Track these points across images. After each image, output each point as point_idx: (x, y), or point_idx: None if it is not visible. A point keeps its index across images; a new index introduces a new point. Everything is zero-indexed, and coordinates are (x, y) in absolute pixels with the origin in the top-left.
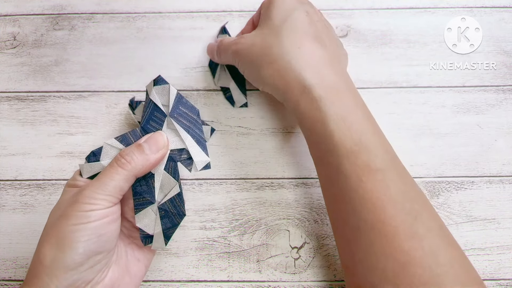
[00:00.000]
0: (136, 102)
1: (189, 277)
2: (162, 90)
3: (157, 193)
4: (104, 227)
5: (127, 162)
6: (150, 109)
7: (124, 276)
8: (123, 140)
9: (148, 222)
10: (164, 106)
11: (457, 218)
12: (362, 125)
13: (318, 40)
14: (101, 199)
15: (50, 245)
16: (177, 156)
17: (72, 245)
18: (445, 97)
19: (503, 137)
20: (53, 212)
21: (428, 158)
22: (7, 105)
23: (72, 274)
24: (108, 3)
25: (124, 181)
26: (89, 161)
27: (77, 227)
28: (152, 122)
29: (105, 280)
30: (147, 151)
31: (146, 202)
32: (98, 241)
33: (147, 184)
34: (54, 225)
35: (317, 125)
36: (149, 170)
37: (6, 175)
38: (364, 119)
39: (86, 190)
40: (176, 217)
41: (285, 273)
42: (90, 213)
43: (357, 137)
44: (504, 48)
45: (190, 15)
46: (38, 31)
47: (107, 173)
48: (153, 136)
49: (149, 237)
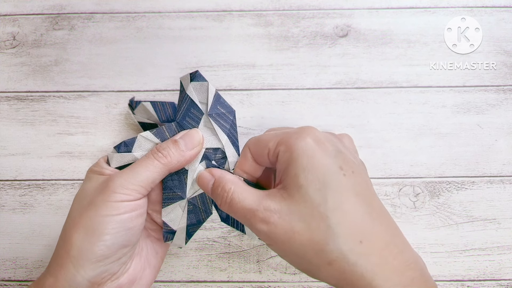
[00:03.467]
0: (136, 102)
1: (189, 278)
2: (200, 87)
3: (188, 189)
4: (133, 221)
5: (163, 156)
6: (187, 105)
7: (145, 268)
8: (158, 134)
9: (174, 217)
10: (201, 103)
11: (457, 218)
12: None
13: (366, 201)
14: (132, 189)
15: (78, 234)
16: (212, 155)
17: (101, 237)
18: (445, 97)
19: (504, 137)
20: (79, 198)
21: (428, 158)
22: (6, 105)
23: (99, 266)
24: (107, 3)
25: (158, 174)
26: (119, 151)
27: (107, 219)
28: (188, 118)
29: (129, 271)
30: (183, 147)
31: (176, 197)
32: (126, 235)
33: (179, 179)
34: (83, 214)
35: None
36: (183, 166)
37: (5, 175)
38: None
39: (119, 178)
40: (203, 213)
41: (285, 274)
42: (120, 204)
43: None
44: (504, 48)
45: (190, 15)
46: (38, 31)
47: (143, 163)
48: (189, 133)
49: (171, 233)
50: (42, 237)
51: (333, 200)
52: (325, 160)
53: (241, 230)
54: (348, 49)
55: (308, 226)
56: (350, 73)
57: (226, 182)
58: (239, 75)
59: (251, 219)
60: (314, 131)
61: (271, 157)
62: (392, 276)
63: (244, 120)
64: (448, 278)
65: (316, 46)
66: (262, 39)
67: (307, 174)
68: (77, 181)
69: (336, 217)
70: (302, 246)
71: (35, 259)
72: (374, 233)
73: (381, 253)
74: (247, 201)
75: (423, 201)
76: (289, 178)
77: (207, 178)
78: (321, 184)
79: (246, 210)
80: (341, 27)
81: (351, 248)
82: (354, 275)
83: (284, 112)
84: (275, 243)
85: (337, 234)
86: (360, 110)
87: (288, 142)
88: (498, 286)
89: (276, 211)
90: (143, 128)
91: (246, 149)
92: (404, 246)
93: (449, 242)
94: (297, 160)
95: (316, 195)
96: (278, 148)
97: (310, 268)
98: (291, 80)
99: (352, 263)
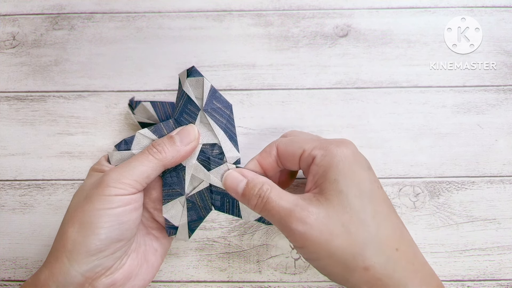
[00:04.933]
0: (136, 102)
1: (189, 278)
2: (196, 83)
3: (187, 185)
4: (126, 215)
5: (158, 151)
6: (184, 101)
7: (142, 264)
8: (156, 131)
9: (175, 213)
10: (197, 99)
11: (457, 218)
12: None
13: (395, 213)
14: (126, 184)
15: (73, 229)
16: (209, 150)
17: (94, 231)
18: (445, 97)
19: (504, 137)
20: (77, 194)
21: (428, 158)
22: (6, 105)
23: (93, 260)
24: (107, 3)
25: (152, 169)
26: (119, 149)
27: (101, 212)
28: (185, 114)
29: (124, 267)
30: (178, 143)
31: (175, 194)
32: (120, 228)
33: (177, 176)
34: (78, 208)
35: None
36: (179, 162)
37: (5, 175)
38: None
39: (113, 172)
40: (203, 210)
41: (285, 274)
42: (114, 198)
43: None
44: (504, 48)
45: (190, 15)
46: (38, 30)
47: (138, 158)
48: (185, 129)
49: (174, 228)
50: (42, 237)
51: (372, 208)
52: (362, 171)
53: (237, 215)
54: (348, 49)
55: (347, 230)
56: (350, 73)
57: (263, 183)
58: (239, 75)
59: (287, 218)
60: (353, 144)
61: (305, 158)
62: (422, 284)
63: (244, 120)
64: (448, 278)
65: (316, 46)
66: (262, 39)
67: (348, 181)
68: (77, 181)
69: (375, 224)
70: (340, 249)
71: (35, 259)
72: (405, 243)
73: (413, 261)
74: (283, 202)
75: (423, 201)
76: (328, 183)
77: (238, 178)
78: (360, 192)
79: (282, 209)
80: (341, 27)
81: (389, 255)
82: (390, 281)
83: (284, 112)
84: (310, 244)
85: (376, 241)
86: (360, 110)
87: (328, 148)
88: (498, 286)
89: (313, 212)
90: (143, 128)
91: (273, 146)
92: (423, 257)
93: (449, 242)
94: (338, 166)
95: (356, 201)
96: (316, 151)
97: (342, 273)
98: (291, 80)
99: (390, 269)
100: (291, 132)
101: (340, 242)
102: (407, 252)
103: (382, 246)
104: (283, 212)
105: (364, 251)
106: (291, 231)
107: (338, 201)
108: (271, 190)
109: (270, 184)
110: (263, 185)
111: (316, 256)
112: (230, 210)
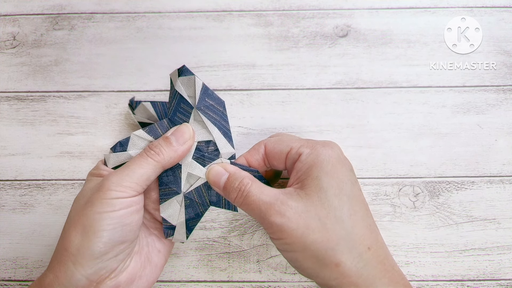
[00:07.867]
0: (136, 102)
1: (189, 277)
2: (187, 81)
3: (183, 184)
4: (128, 217)
5: (156, 153)
6: (177, 101)
7: (146, 266)
8: (151, 131)
9: (172, 212)
10: (190, 97)
11: (457, 218)
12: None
13: (370, 214)
14: (127, 187)
15: (76, 232)
16: (205, 147)
17: (97, 234)
18: (445, 97)
19: (504, 137)
20: (78, 199)
21: (428, 158)
22: (6, 105)
23: (97, 262)
24: (108, 3)
25: (152, 171)
26: (115, 151)
27: (103, 216)
28: (179, 113)
29: (128, 269)
30: (174, 143)
31: (172, 192)
32: (122, 231)
33: (173, 174)
34: (80, 212)
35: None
36: (177, 162)
37: (5, 175)
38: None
39: (114, 176)
40: (200, 207)
41: (285, 273)
42: (116, 201)
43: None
44: (504, 48)
45: (190, 15)
46: (38, 31)
47: (137, 161)
48: (179, 129)
49: (171, 229)
50: (42, 237)
51: (349, 207)
52: (344, 172)
53: (233, 209)
54: (348, 49)
55: (323, 225)
56: (350, 73)
57: (243, 177)
58: (239, 75)
59: (266, 211)
60: (338, 147)
61: (291, 155)
62: (390, 284)
63: (244, 120)
64: (448, 278)
65: (316, 46)
66: (262, 39)
67: (329, 179)
68: (77, 181)
69: (351, 223)
70: (315, 243)
71: (35, 259)
72: (378, 244)
73: (383, 261)
74: (263, 196)
75: (423, 201)
76: (310, 179)
77: (220, 172)
78: (340, 191)
79: (262, 203)
80: (341, 27)
81: (361, 253)
82: (359, 279)
83: (284, 112)
84: (287, 236)
85: (350, 238)
86: (360, 110)
87: (315, 147)
88: (498, 286)
89: (292, 206)
90: (143, 128)
91: (262, 145)
92: (393, 260)
93: (449, 242)
94: (322, 164)
95: (334, 199)
96: (303, 149)
97: (314, 267)
98: (291, 80)
99: (360, 267)
100: (279, 133)
101: (316, 237)
102: (379, 253)
103: (355, 244)
104: (263, 206)
105: (338, 246)
106: (269, 223)
107: (317, 197)
108: (252, 184)
109: (251, 178)
110: (244, 179)
111: (291, 248)
112: (226, 205)
